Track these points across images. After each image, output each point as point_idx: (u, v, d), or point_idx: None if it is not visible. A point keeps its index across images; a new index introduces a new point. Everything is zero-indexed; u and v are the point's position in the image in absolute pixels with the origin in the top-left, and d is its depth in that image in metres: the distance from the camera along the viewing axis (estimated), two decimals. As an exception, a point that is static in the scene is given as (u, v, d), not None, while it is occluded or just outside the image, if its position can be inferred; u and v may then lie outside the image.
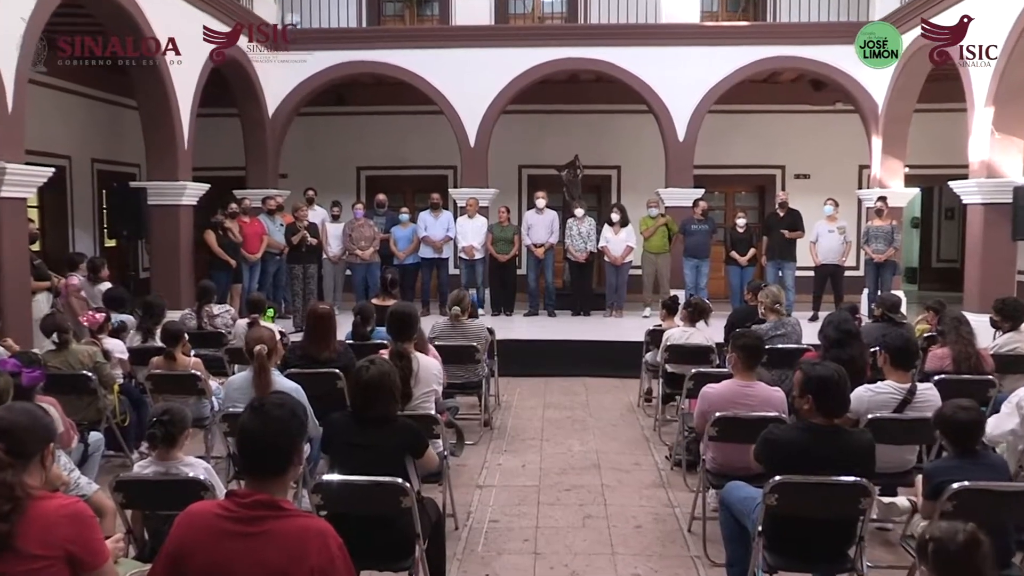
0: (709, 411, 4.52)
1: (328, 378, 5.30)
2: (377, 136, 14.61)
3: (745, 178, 14.74)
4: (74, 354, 5.69)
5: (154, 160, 10.00)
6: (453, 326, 6.81)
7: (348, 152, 14.66)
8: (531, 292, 11.89)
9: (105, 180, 12.79)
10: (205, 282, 8.17)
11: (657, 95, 11.99)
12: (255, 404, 2.51)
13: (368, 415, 3.68)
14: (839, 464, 3.48)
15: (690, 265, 11.38)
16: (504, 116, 12.49)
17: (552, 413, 7.77)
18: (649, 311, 11.39)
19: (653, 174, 12.75)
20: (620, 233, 11.49)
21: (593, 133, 14.12)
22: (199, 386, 5.75)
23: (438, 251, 11.69)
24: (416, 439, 3.76)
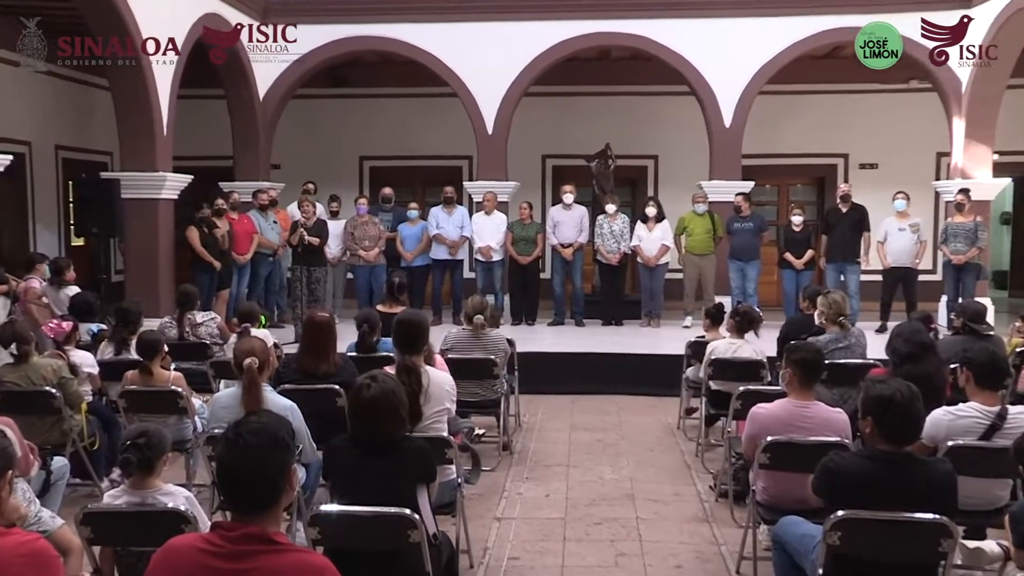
0: (760, 435, 4.48)
1: (327, 395, 5.30)
2: (382, 122, 14.66)
3: (802, 169, 14.64)
4: (35, 368, 5.71)
5: (128, 147, 10.07)
6: (472, 337, 6.81)
7: (350, 140, 14.73)
8: (556, 298, 11.87)
9: (71, 170, 12.87)
10: (187, 286, 8.20)
11: (700, 74, 11.95)
12: (229, 434, 2.49)
13: (370, 438, 3.67)
14: (913, 499, 3.43)
15: (734, 268, 11.35)
16: (526, 99, 12.49)
17: (580, 436, 7.74)
18: (690, 320, 11.36)
19: (695, 165, 12.71)
20: (655, 230, 11.47)
21: (627, 118, 14.09)
22: (180, 404, 5.75)
23: (452, 252, 11.71)
24: (429, 463, 3.75)
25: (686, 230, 11.57)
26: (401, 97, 14.46)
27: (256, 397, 4.54)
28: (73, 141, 13.10)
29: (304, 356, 5.54)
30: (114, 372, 6.33)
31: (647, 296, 11.67)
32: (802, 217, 11.44)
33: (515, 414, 7.86)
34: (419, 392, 4.57)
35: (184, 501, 3.72)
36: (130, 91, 9.81)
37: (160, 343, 6.02)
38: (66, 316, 6.84)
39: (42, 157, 12.48)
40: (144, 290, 9.79)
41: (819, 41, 11.88)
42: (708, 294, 11.33)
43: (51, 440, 5.66)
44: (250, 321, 7.05)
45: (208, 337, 7.64)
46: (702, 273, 11.51)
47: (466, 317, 6.96)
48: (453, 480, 4.56)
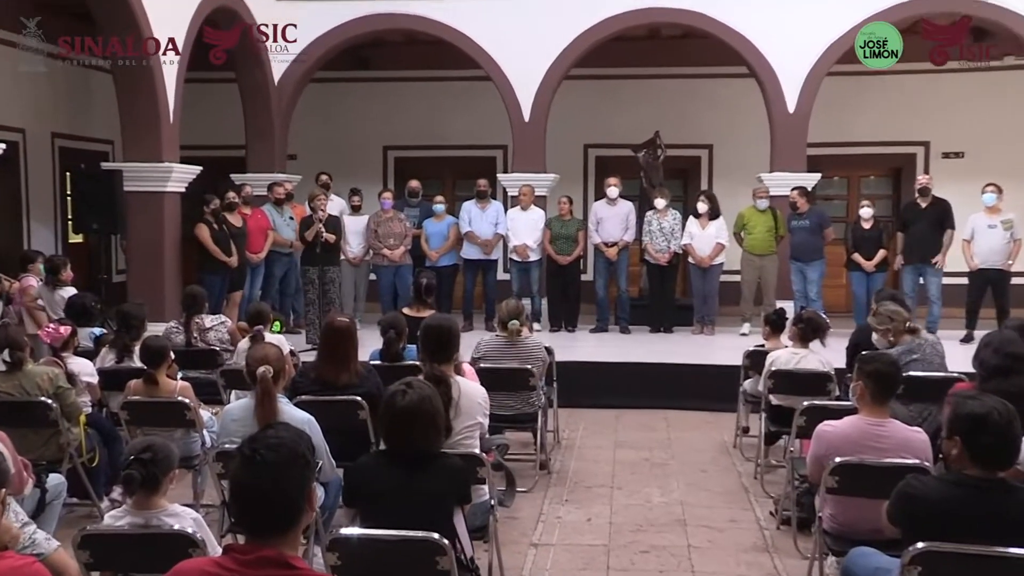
0: (827, 456, 4.45)
1: (348, 408, 5.32)
2: (409, 108, 14.72)
3: (875, 159, 14.49)
4: (30, 376, 5.76)
5: (132, 135, 10.16)
6: (507, 344, 6.81)
7: (373, 128, 14.80)
8: (599, 302, 11.85)
9: (69, 160, 12.99)
10: (194, 288, 8.29)
11: (760, 54, 11.85)
12: (245, 450, 2.50)
13: (405, 452, 3.67)
14: (1006, 531, 3.36)
15: (795, 269, 11.29)
16: (567, 83, 12.48)
17: (625, 454, 7.75)
18: (749, 327, 11.30)
19: (754, 155, 12.61)
20: (708, 227, 11.43)
21: (679, 104, 14.02)
22: (187, 416, 5.80)
23: (485, 251, 11.72)
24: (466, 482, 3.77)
25: (745, 227, 11.49)
26: (429, 81, 14.51)
27: (270, 409, 4.56)
28: (71, 128, 13.24)
29: (323, 365, 5.56)
30: (115, 381, 6.40)
31: (700, 300, 11.61)
32: (871, 211, 11.30)
33: (553, 430, 7.88)
34: (449, 405, 4.57)
35: (192, 523, 3.74)
36: (133, 74, 9.89)
37: (166, 350, 6.08)
38: (63, 320, 6.91)
39: (37, 146, 12.60)
40: (148, 291, 9.84)
41: (896, 15, 11.67)
42: (768, 298, 11.26)
43: (46, 455, 5.72)
44: (261, 324, 7.09)
45: (218, 343, 7.71)
46: (762, 275, 11.43)
47: (500, 323, 6.98)
48: (486, 502, 4.56)
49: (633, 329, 11.68)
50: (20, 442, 5.04)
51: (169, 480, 3.85)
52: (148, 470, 3.73)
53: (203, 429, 5.93)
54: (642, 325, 11.76)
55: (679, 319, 11.79)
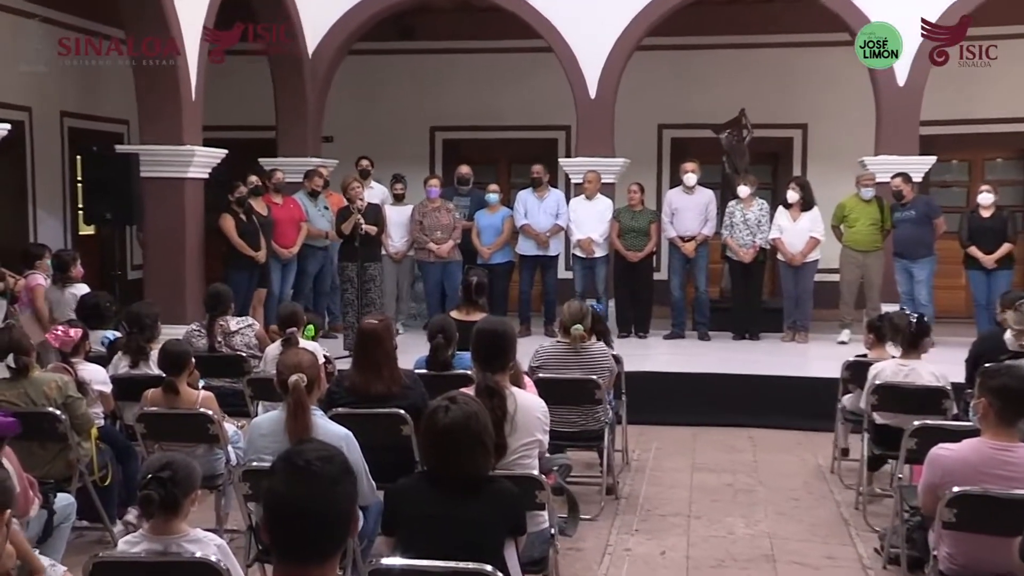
0: (943, 484, 4.38)
1: (389, 422, 5.33)
2: (459, 84, 14.76)
3: (1003, 139, 14.21)
4: (36, 384, 5.83)
5: (149, 115, 10.27)
6: (569, 352, 6.78)
7: (419, 107, 14.87)
8: (674, 305, 11.80)
9: (80, 142, 13.09)
10: (219, 286, 8.36)
11: (864, 16, 11.66)
12: (293, 459, 2.52)
13: (449, 476, 3.66)
14: None
15: (900, 268, 11.19)
16: (639, 54, 12.41)
17: (704, 478, 7.73)
18: (848, 334, 11.19)
19: (857, 136, 12.45)
20: (801, 219, 11.33)
21: (768, 77, 13.89)
22: (210, 430, 5.84)
23: (542, 246, 11.70)
24: (519, 510, 3.75)
25: (845, 219, 11.36)
26: (482, 53, 14.54)
27: (304, 423, 4.57)
28: (82, 107, 13.41)
29: (355, 373, 5.58)
30: (131, 390, 6.46)
31: (791, 303, 11.54)
32: (992, 197, 11.06)
33: (622, 449, 7.90)
34: (504, 420, 4.56)
35: (215, 550, 3.75)
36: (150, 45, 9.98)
37: (186, 355, 6.13)
38: (73, 321, 6.96)
39: (44, 126, 12.77)
40: (167, 290, 10.00)
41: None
42: (872, 301, 11.15)
43: (54, 473, 5.78)
44: (294, 326, 7.12)
45: (245, 348, 7.78)
46: (865, 274, 11.32)
47: (561, 327, 6.97)
48: (545, 531, 4.55)
49: (713, 335, 11.63)
50: (26, 458, 5.11)
51: (190, 502, 3.87)
52: (167, 490, 3.74)
53: (228, 445, 5.97)
54: (724, 331, 11.70)
55: (767, 324, 11.72)
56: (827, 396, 8.02)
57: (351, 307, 10.53)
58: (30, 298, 8.84)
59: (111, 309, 7.73)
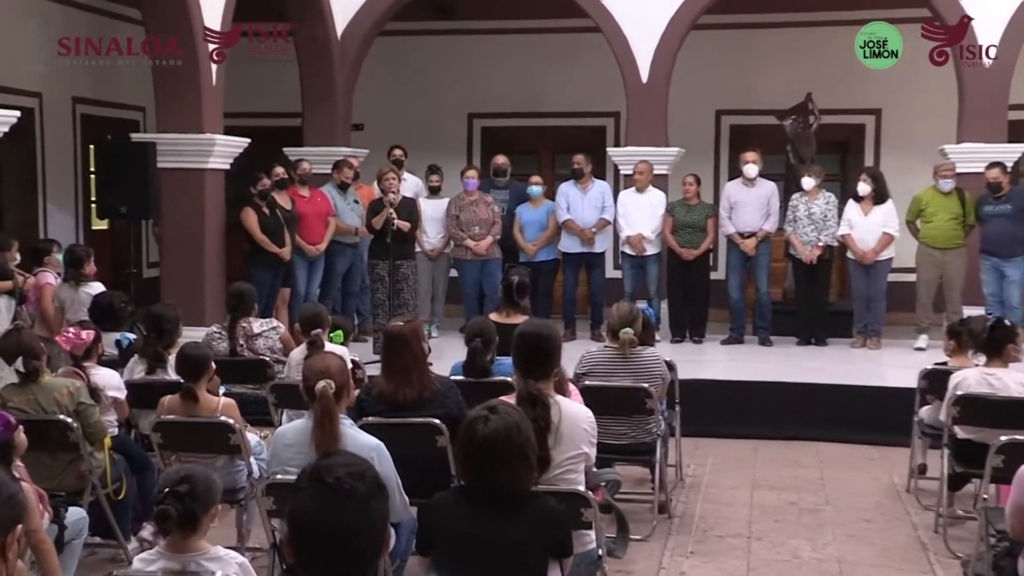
0: (1035, 507, 4.33)
1: (423, 432, 5.34)
2: (500, 67, 14.76)
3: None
4: (46, 390, 5.87)
5: (167, 101, 10.35)
6: (618, 358, 6.77)
7: (456, 92, 14.87)
8: (733, 307, 11.77)
9: (93, 130, 13.24)
10: (243, 285, 8.39)
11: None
12: (321, 475, 2.52)
13: (487, 492, 3.65)
14: None
15: (989, 267, 11.09)
16: (695, 34, 12.36)
17: (766, 496, 7.72)
18: (926, 340, 11.14)
19: (936, 122, 12.35)
20: (873, 214, 11.27)
21: (837, 58, 13.68)
22: (231, 441, 5.87)
23: (587, 242, 11.69)
24: (564, 530, 3.73)
25: (922, 214, 11.28)
26: (525, 33, 14.54)
27: (331, 433, 4.58)
28: (95, 92, 13.48)
29: (383, 379, 5.60)
30: (146, 397, 6.50)
31: (862, 305, 11.49)
32: None
33: (676, 464, 7.91)
34: (547, 431, 4.55)
35: (237, 569, 3.77)
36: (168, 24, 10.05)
37: (206, 360, 6.15)
38: (86, 323, 7.04)
39: (55, 113, 12.86)
40: (185, 289, 10.06)
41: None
42: (953, 303, 11.08)
43: (65, 485, 5.82)
44: (318, 327, 7.15)
45: (268, 352, 7.80)
46: (944, 274, 11.24)
47: (609, 331, 6.97)
48: (592, 552, 4.54)
49: (776, 340, 11.61)
50: (34, 469, 5.16)
51: (210, 518, 3.88)
52: (185, 505, 3.76)
53: (250, 456, 5.99)
54: (787, 336, 11.68)
55: (835, 328, 11.67)
56: (902, 408, 7.97)
57: (382, 308, 10.55)
58: (37, 297, 8.92)
59: (126, 310, 7.78)
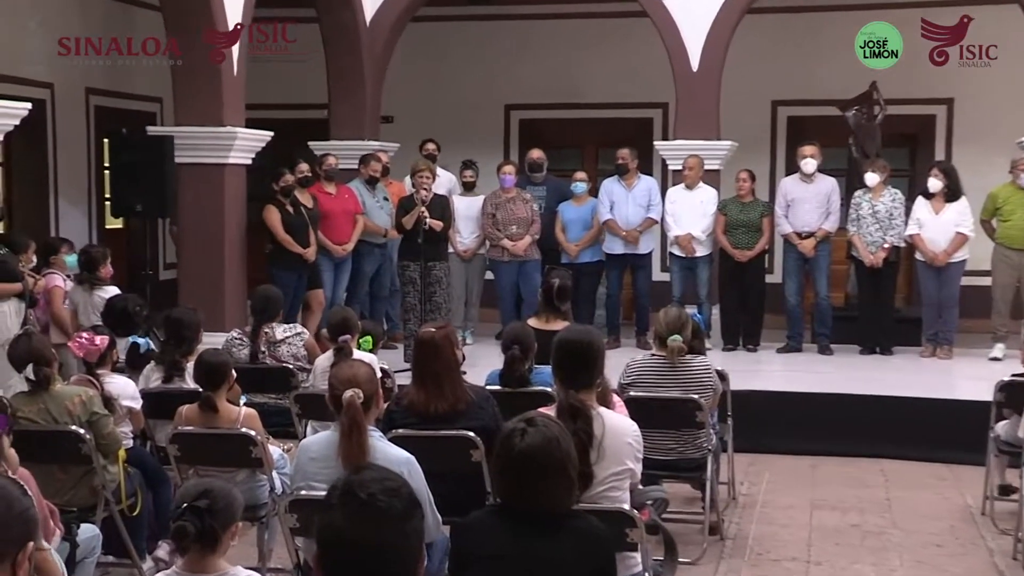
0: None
1: (457, 446, 5.35)
2: (538, 55, 14.75)
3: None
4: (57, 399, 5.90)
5: (185, 92, 10.41)
6: (667, 367, 6.77)
7: (492, 81, 14.90)
8: (790, 312, 11.73)
9: (107, 123, 13.32)
10: (269, 289, 8.45)
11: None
12: (353, 491, 2.54)
13: (525, 510, 3.66)
14: None
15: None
16: (750, 18, 12.35)
17: (826, 517, 7.70)
18: (1002, 349, 11.09)
19: (1013, 112, 12.28)
20: (945, 212, 11.21)
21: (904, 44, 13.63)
22: (253, 454, 5.89)
23: (632, 243, 11.69)
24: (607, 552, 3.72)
25: (999, 212, 11.23)
26: (565, 18, 14.58)
27: (359, 446, 4.59)
28: (110, 83, 13.52)
29: (414, 389, 5.62)
30: (163, 407, 6.53)
31: (932, 311, 11.44)
32: None
33: (728, 481, 7.89)
34: (590, 445, 4.55)
35: (257, 591, 3.78)
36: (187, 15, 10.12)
37: (226, 367, 6.19)
38: (99, 328, 7.08)
39: (68, 105, 12.95)
40: (204, 292, 10.10)
41: None
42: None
43: (77, 500, 5.87)
44: (346, 333, 7.17)
45: (292, 360, 7.84)
46: (1023, 278, 11.18)
47: (657, 338, 6.96)
48: (637, 574, 4.53)
49: (837, 349, 11.56)
50: (45, 483, 5.19)
51: (230, 535, 3.90)
52: (204, 522, 3.77)
53: (272, 470, 6.01)
54: (849, 344, 11.63)
55: (902, 336, 11.64)
56: (977, 422, 7.93)
57: (412, 313, 10.58)
58: (47, 300, 8.98)
59: (141, 314, 7.82)
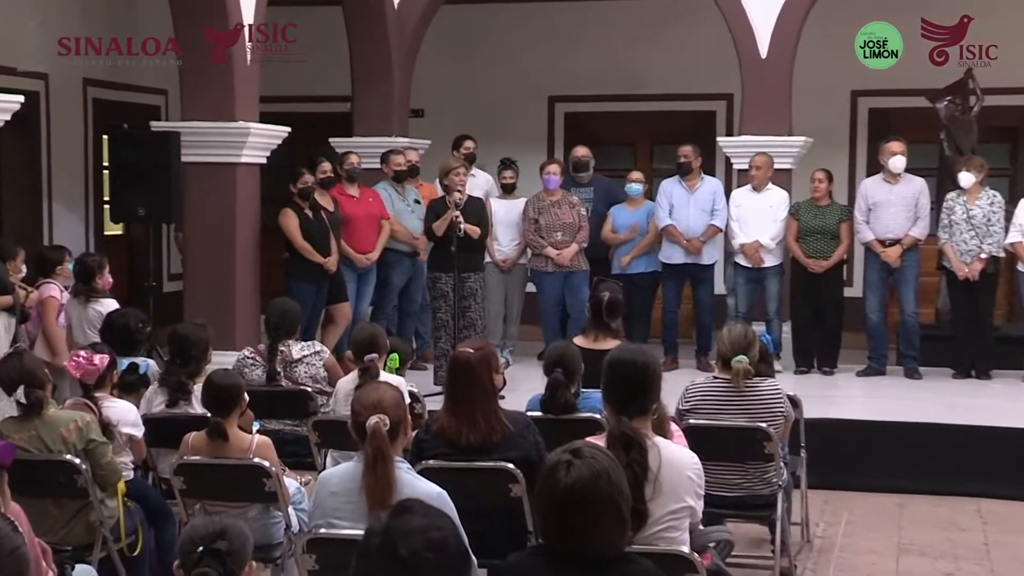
0: None
1: (494, 480, 5.36)
2: (586, 40, 14.79)
3: None
4: (51, 425, 5.94)
5: (193, 83, 10.47)
6: (731, 391, 6.76)
7: (535, 71, 14.94)
8: (872, 330, 11.69)
9: (107, 117, 13.44)
10: (287, 303, 8.48)
11: None
12: (394, 545, 2.59)
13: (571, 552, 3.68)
14: None
15: None
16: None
17: (914, 565, 7.70)
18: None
19: None
20: (1050, 217, 11.17)
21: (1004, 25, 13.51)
22: (267, 487, 5.90)
23: (694, 252, 11.70)
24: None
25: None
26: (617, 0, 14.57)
27: (385, 479, 4.59)
28: (109, 73, 13.42)
29: (445, 415, 5.62)
30: (167, 434, 6.58)
31: (1036, 331, 11.35)
32: None
33: (801, 522, 7.84)
34: (644, 479, 4.56)
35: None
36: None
37: (238, 390, 6.19)
38: (98, 346, 7.06)
39: (63, 98, 13.04)
40: (213, 306, 10.11)
41: None
42: None
43: (72, 538, 5.92)
44: (374, 352, 7.19)
45: (310, 382, 7.88)
46: None
47: (720, 359, 6.94)
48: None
49: (926, 372, 11.51)
50: (37, 519, 5.22)
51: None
52: (227, 567, 3.69)
53: (288, 506, 6.03)
54: (941, 367, 11.59)
55: (1001, 358, 11.59)
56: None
57: (444, 330, 10.58)
58: (39, 313, 9.02)
59: (143, 331, 7.86)
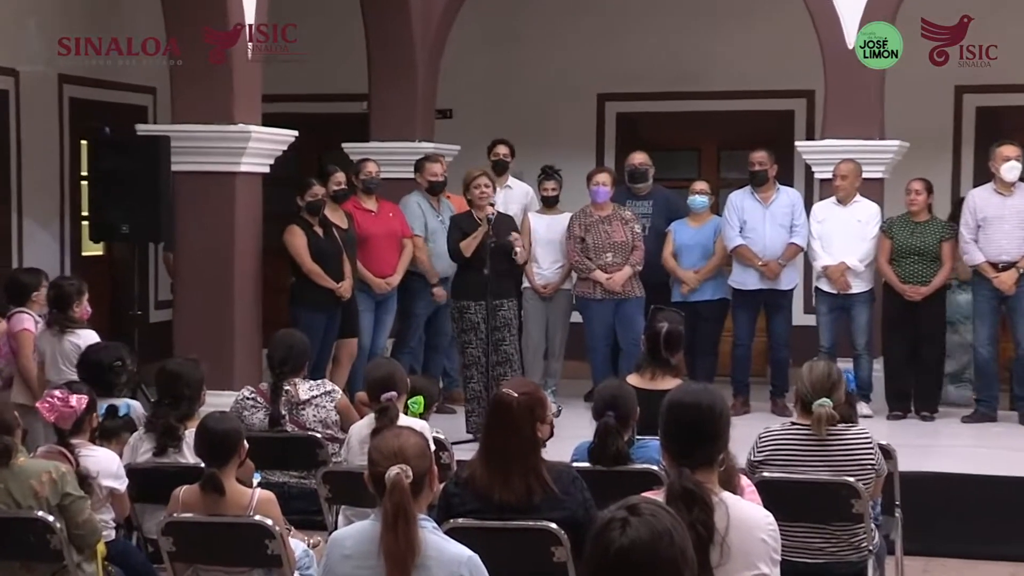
0: None
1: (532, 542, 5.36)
2: (641, 31, 14.83)
3: None
4: (20, 476, 5.99)
5: (186, 81, 10.59)
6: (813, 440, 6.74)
7: (580, 67, 14.99)
8: (981, 368, 11.63)
9: (86, 119, 13.52)
10: (293, 335, 8.52)
11: None
12: None
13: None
14: None
15: None
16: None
17: None
18: None
19: None
20: None
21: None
22: (269, 549, 5.90)
23: (771, 276, 11.70)
24: None
25: None
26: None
27: (407, 541, 4.58)
28: (89, 69, 13.39)
29: (479, 466, 5.61)
30: (154, 487, 6.61)
31: None
32: None
33: (895, 594, 7.79)
34: (710, 541, 4.56)
35: None
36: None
37: (236, 437, 6.21)
38: (75, 384, 7.13)
39: (36, 96, 13.07)
40: (207, 338, 10.20)
41: None
42: None
43: (44, 608, 6.00)
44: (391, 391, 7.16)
45: (320, 427, 7.91)
46: None
47: (799, 402, 6.91)
48: None
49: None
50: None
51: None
52: None
53: (294, 571, 6.05)
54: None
55: None
56: None
57: (476, 368, 10.57)
58: (13, 348, 9.08)
59: (125, 368, 7.91)
